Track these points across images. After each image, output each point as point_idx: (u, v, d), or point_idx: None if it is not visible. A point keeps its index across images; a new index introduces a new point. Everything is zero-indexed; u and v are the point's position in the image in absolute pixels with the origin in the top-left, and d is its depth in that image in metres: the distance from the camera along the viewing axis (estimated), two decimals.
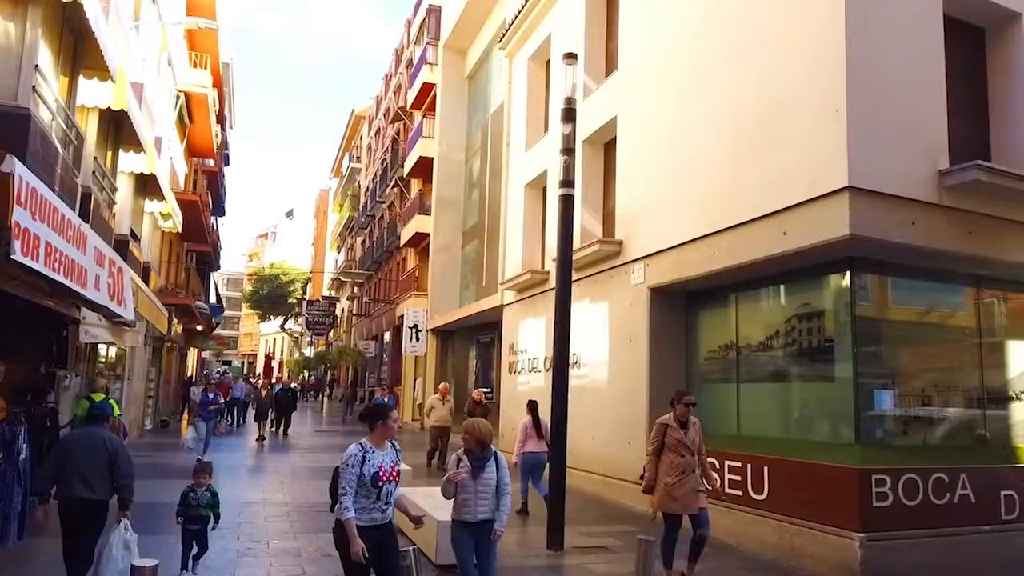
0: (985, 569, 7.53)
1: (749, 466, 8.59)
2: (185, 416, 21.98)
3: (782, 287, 9.31)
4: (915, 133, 7.69)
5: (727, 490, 8.87)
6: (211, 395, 15.00)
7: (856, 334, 7.94)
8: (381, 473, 4.57)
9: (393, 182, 34.69)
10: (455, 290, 25.38)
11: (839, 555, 7.22)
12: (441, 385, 15.04)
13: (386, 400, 15.67)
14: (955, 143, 8.02)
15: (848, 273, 8.02)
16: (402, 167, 31.81)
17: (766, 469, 8.34)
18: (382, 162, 39.25)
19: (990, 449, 8.62)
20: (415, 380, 27.28)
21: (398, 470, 4.77)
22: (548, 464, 8.91)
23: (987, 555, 7.67)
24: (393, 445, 4.85)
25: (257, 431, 20.65)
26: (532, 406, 10.33)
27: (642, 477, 7.10)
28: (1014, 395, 9.09)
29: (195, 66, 23.84)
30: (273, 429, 21.70)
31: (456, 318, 22.39)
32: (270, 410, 21.79)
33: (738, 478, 8.73)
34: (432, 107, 27.86)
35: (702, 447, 6.99)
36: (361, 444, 4.64)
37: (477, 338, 22.41)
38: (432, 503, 7.36)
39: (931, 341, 8.89)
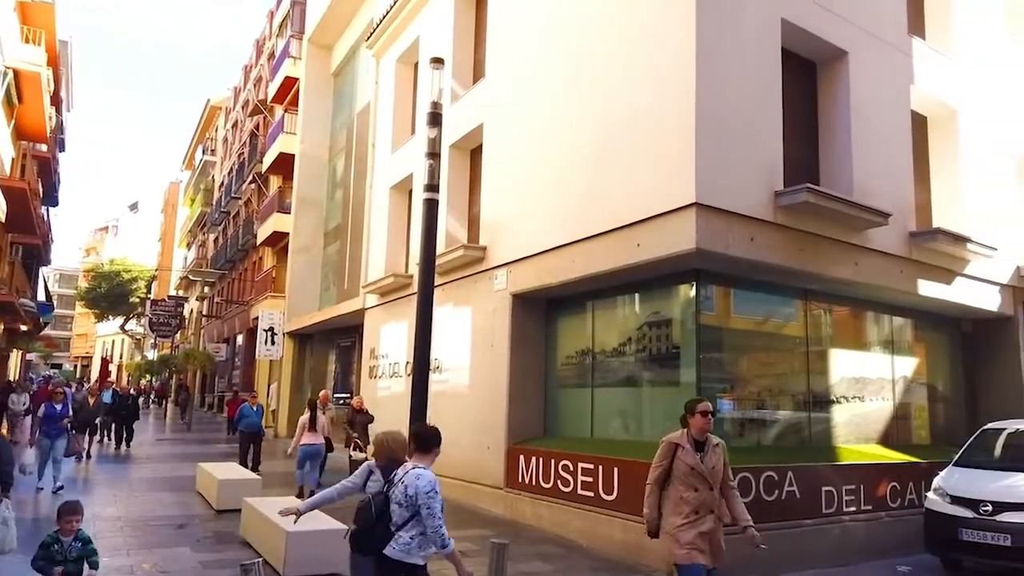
0: (808, 559, 8.21)
1: (600, 467, 8.90)
2: (3, 427, 19.65)
3: (636, 296, 9.75)
4: (755, 156, 8.31)
5: (579, 491, 9.15)
6: (59, 406, 12.03)
7: (700, 342, 8.45)
8: None
9: (251, 178, 33.20)
10: (315, 292, 24.62)
11: None
12: (322, 393, 13.80)
13: (255, 408, 14.53)
14: (789, 166, 8.74)
15: (694, 284, 8.53)
16: (261, 162, 30.54)
17: (616, 470, 8.68)
18: (239, 156, 37.48)
19: (813, 449, 9.43)
20: (269, 385, 26.18)
21: None
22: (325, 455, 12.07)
23: (809, 546, 8.36)
24: None
25: (78, 446, 15.21)
26: (311, 404, 12.03)
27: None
28: (835, 399, 10.01)
29: (27, 41, 21.74)
30: (104, 441, 19.22)
31: (315, 321, 21.72)
32: (99, 421, 18.40)
33: (590, 479, 9.03)
34: (295, 102, 26.94)
35: (727, 476, 5.31)
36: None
37: (337, 342, 21.85)
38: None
39: (766, 349, 9.62)
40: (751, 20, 8.56)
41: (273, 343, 23.92)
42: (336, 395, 20.07)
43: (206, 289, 37.09)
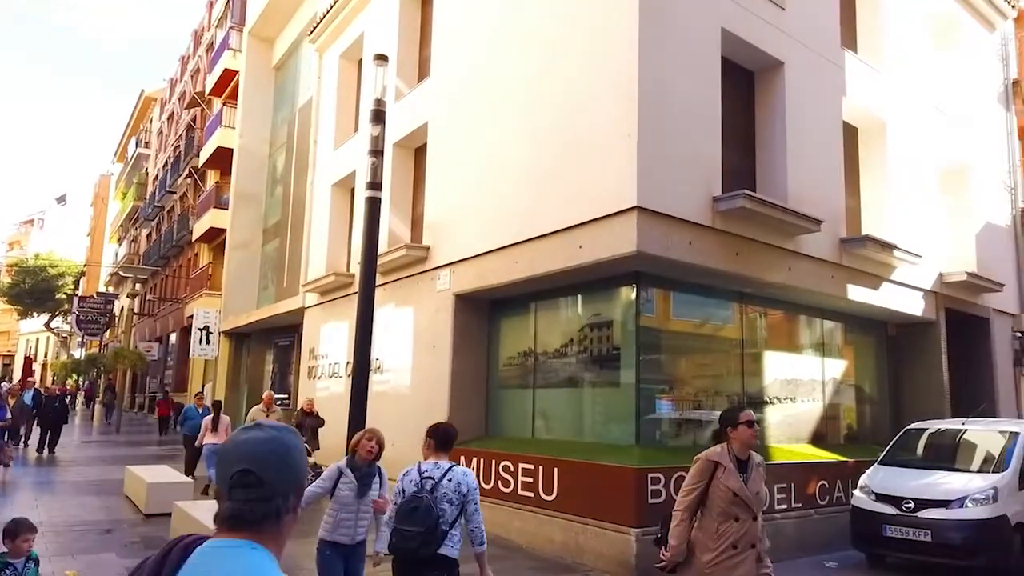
0: None
1: (541, 468, 8.95)
2: None
3: (578, 298, 9.83)
4: (694, 161, 8.48)
5: (520, 492, 9.17)
6: None
7: (640, 343, 8.58)
8: None
9: (187, 172, 32.26)
10: (253, 290, 24.07)
11: (617, 550, 7.72)
12: (265, 394, 13.27)
13: (200, 411, 13.85)
14: (727, 173, 8.95)
15: (635, 286, 8.65)
16: (197, 156, 29.71)
17: (556, 471, 8.73)
18: (175, 149, 36.38)
19: None
20: (203, 385, 25.46)
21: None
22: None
23: None
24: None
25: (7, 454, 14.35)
26: (216, 406, 12.67)
27: (658, 541, 4.69)
28: (768, 400, 10.29)
29: None
30: (23, 444, 17.96)
31: (253, 320, 21.23)
32: (22, 425, 17.38)
33: (530, 480, 9.06)
34: (234, 95, 26.29)
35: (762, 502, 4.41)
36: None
37: (275, 341, 21.39)
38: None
39: (703, 351, 9.83)
40: (693, 28, 8.74)
41: (208, 342, 23.29)
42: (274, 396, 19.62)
43: (138, 286, 35.93)
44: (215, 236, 26.67)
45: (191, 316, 25.12)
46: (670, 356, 9.29)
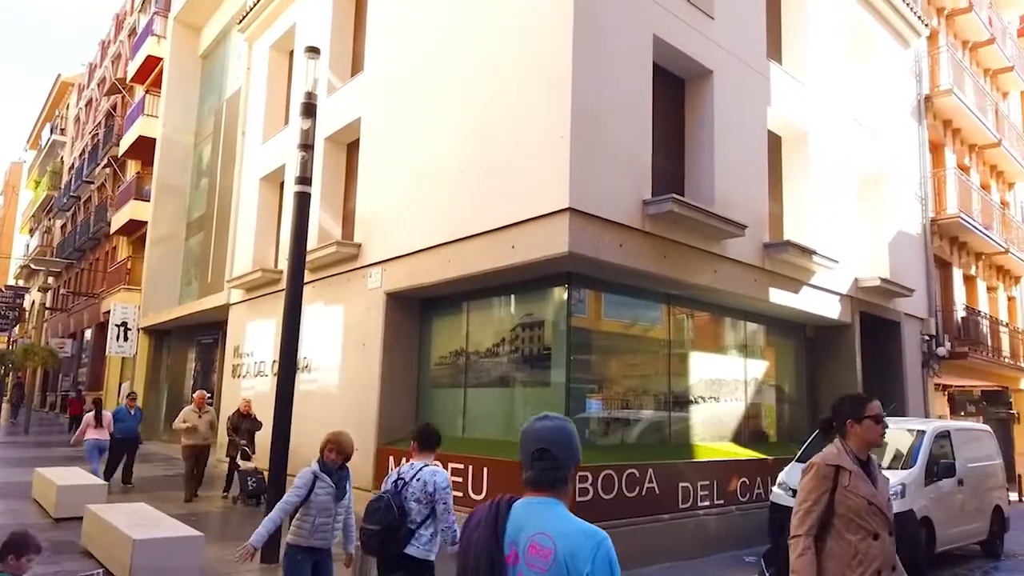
0: (665, 553, 8.60)
1: (471, 468, 8.93)
2: None
3: (510, 298, 9.86)
4: (625, 165, 8.62)
5: None
6: None
7: (570, 343, 8.67)
8: None
9: (105, 161, 30.90)
10: (175, 286, 23.22)
11: None
12: (197, 393, 12.49)
13: (132, 413, 13.10)
14: (657, 177, 9.13)
15: (566, 287, 8.73)
16: (118, 145, 28.51)
17: (486, 470, 8.73)
18: (92, 137, 34.82)
19: (672, 447, 9.89)
20: (120, 384, 24.47)
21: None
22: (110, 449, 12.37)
23: (666, 540, 8.77)
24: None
25: None
26: (96, 403, 12.88)
27: None
28: (693, 399, 10.55)
29: None
30: None
31: (174, 316, 20.50)
32: None
33: (460, 480, 9.03)
34: (157, 83, 25.32)
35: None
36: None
37: (198, 339, 20.73)
38: (129, 520, 6.63)
39: (632, 351, 10.00)
40: (626, 33, 8.88)
41: (126, 339, 22.39)
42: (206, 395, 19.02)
43: (51, 279, 34.25)
44: (135, 229, 25.65)
45: (108, 312, 24.09)
46: (600, 356, 9.41)
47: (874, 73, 14.86)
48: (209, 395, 16.44)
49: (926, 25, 16.21)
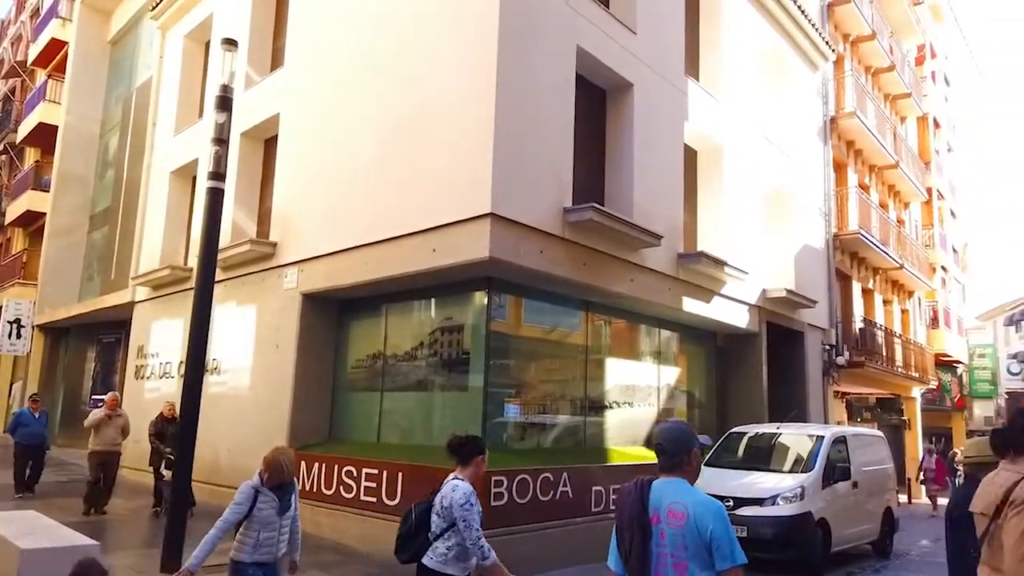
0: (577, 556, 8.70)
1: (385, 473, 8.81)
2: None
3: (430, 301, 9.80)
4: (547, 173, 8.71)
5: (362, 497, 8.99)
6: None
7: (490, 348, 8.69)
8: None
9: (2, 148, 29.04)
10: (75, 281, 21.97)
11: None
12: (109, 395, 11.30)
13: (37, 416, 12.06)
14: (578, 185, 9.27)
15: (487, 292, 8.75)
16: (15, 132, 26.83)
17: (400, 475, 8.64)
18: None
19: (587, 451, 10.04)
20: (12, 384, 23.02)
21: None
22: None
23: (578, 544, 8.87)
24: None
25: None
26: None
27: None
28: (608, 404, 10.75)
29: None
30: None
31: (74, 314, 19.42)
32: None
33: (374, 485, 8.90)
34: (62, 68, 23.97)
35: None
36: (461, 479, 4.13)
37: (100, 337, 19.71)
38: (17, 529, 6.22)
39: (550, 356, 10.10)
40: (551, 42, 8.98)
41: (19, 336, 21.06)
42: (94, 397, 18.11)
43: None
44: (32, 220, 24.17)
45: (0, 308, 22.62)
46: (519, 361, 9.47)
47: (785, 94, 15.55)
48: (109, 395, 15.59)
49: (833, 50, 17.08)
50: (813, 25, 15.75)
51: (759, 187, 13.79)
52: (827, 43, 16.53)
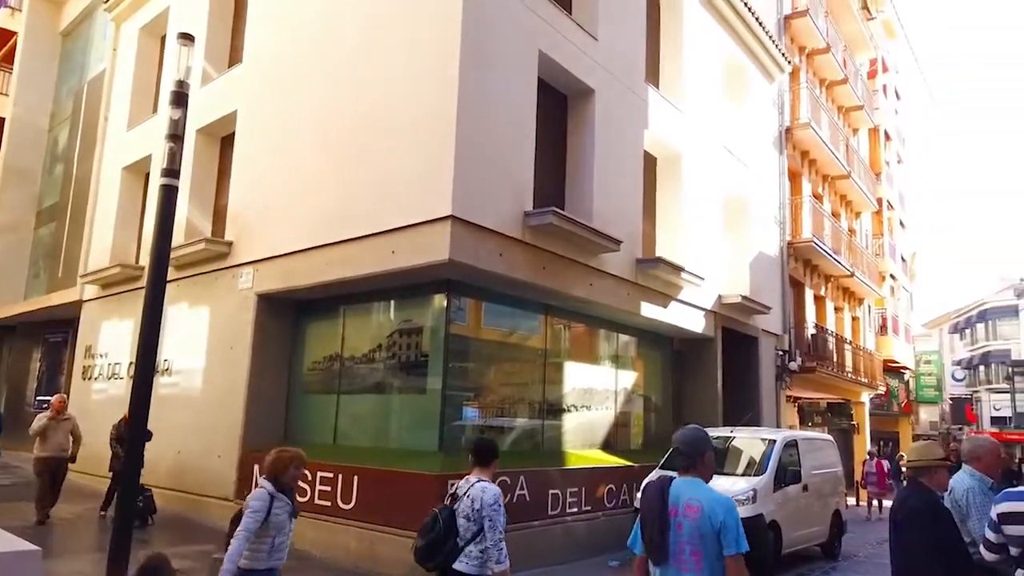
0: (534, 558, 8.72)
1: (340, 476, 8.72)
2: None
3: (389, 303, 9.72)
4: (508, 176, 8.73)
5: (316, 501, 8.87)
6: None
7: (448, 350, 8.66)
8: None
9: None
10: (20, 279, 21.26)
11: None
12: (56, 397, 10.56)
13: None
14: (539, 189, 9.30)
15: (446, 294, 8.72)
16: None
17: (356, 478, 8.55)
18: None
19: (545, 454, 10.07)
20: None
21: None
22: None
23: (535, 546, 8.90)
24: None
25: None
26: None
27: None
28: (566, 408, 10.80)
29: None
30: None
31: (18, 312, 18.80)
32: None
33: (328, 488, 8.80)
34: (9, 59, 23.20)
35: None
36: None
37: (46, 337, 19.11)
38: None
39: (509, 359, 10.11)
40: (513, 46, 9.00)
41: None
42: (39, 398, 17.53)
43: None
44: None
45: None
46: (477, 364, 9.45)
47: (742, 104, 15.84)
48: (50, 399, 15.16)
49: (789, 62, 17.46)
50: (770, 37, 16.09)
51: (716, 195, 14.01)
52: (783, 55, 16.89)
